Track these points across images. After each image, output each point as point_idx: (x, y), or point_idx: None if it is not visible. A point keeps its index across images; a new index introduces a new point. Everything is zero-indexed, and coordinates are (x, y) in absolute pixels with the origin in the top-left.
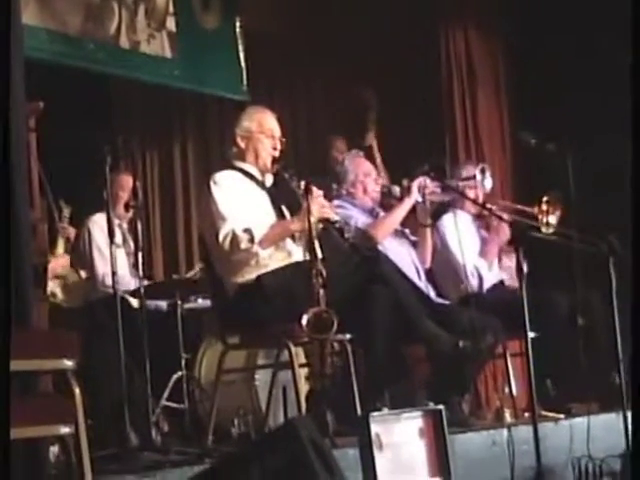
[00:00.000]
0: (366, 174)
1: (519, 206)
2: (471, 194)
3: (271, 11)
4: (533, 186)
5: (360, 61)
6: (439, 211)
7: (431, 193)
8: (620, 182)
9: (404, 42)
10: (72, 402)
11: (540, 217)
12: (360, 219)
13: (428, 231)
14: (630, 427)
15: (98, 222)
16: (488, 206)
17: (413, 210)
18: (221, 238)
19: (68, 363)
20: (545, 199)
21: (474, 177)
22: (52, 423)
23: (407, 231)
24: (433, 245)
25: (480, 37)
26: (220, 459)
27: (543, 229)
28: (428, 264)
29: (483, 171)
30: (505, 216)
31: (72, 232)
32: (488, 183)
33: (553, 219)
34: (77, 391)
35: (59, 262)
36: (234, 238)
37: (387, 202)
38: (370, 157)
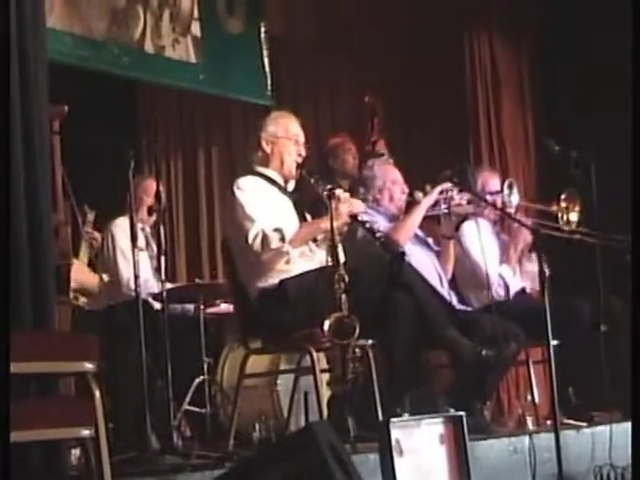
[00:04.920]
0: (394, 181)
1: (538, 206)
2: (497, 199)
3: (296, 16)
4: (556, 192)
5: (384, 66)
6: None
7: (457, 205)
8: None
9: (429, 47)
10: (92, 405)
11: (560, 215)
12: (383, 226)
13: (451, 243)
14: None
15: (121, 226)
16: (510, 212)
17: (437, 221)
18: (251, 238)
19: (89, 366)
20: (563, 196)
21: (501, 191)
22: (72, 425)
23: (430, 240)
24: (455, 254)
25: (505, 43)
26: (238, 463)
27: (565, 227)
28: (450, 275)
29: (510, 186)
30: (527, 221)
31: (97, 236)
32: (515, 199)
33: (574, 216)
34: (97, 394)
35: (81, 272)
36: (265, 237)
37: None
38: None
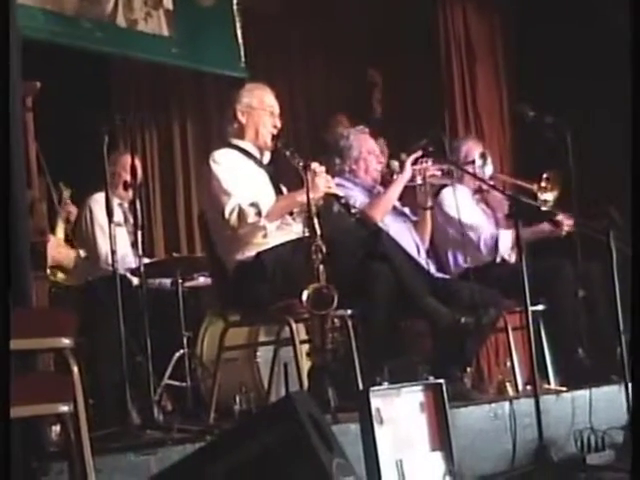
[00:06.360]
0: (370, 152)
1: (518, 182)
2: (470, 170)
3: None
4: (532, 161)
5: (359, 38)
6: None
7: (431, 176)
8: (618, 154)
9: (403, 19)
10: (71, 380)
11: (539, 194)
12: (360, 198)
13: (428, 213)
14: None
15: (99, 201)
16: (487, 181)
17: (413, 191)
18: (227, 213)
19: (66, 341)
20: (545, 176)
21: (473, 162)
22: (50, 401)
23: (407, 211)
24: (434, 221)
25: (478, 12)
26: (218, 435)
27: (541, 206)
28: (427, 244)
29: (484, 156)
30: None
31: (74, 210)
32: (488, 169)
33: (550, 196)
34: (75, 369)
35: (58, 249)
36: (241, 212)
37: (387, 179)
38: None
